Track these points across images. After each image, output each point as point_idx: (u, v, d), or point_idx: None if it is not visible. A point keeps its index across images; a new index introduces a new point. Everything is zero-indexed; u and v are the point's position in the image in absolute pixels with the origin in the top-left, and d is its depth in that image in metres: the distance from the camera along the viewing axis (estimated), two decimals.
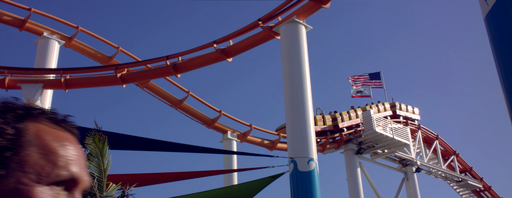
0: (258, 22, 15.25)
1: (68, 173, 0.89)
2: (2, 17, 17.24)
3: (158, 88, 19.46)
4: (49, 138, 0.91)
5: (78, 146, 0.95)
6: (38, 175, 0.87)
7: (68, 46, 18.56)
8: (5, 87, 16.29)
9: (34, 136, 0.90)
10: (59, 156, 0.90)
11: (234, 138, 21.24)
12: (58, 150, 0.91)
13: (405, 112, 26.12)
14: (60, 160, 0.90)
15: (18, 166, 0.86)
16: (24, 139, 0.89)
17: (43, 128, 0.92)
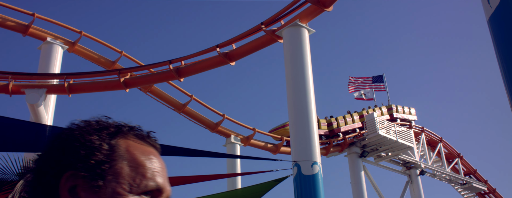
0: (261, 26, 15.27)
1: (154, 183, 1.02)
2: (5, 23, 17.30)
3: (161, 92, 19.48)
4: (138, 152, 1.05)
5: (161, 159, 1.09)
6: (130, 185, 1.00)
7: (71, 51, 18.62)
8: (9, 92, 16.33)
9: (124, 151, 1.04)
10: (147, 168, 1.03)
11: (237, 142, 21.24)
12: (146, 163, 1.04)
13: (402, 114, 26.06)
14: (147, 172, 1.03)
15: (113, 177, 1.00)
16: (117, 154, 1.03)
17: (132, 143, 1.06)
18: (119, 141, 1.04)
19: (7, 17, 17.41)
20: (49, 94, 16.75)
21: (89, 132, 1.04)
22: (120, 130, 1.07)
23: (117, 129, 1.07)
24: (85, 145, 1.01)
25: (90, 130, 1.04)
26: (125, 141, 1.05)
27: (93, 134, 1.03)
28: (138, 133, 1.09)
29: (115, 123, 1.08)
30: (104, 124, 1.07)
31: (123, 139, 1.05)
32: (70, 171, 0.99)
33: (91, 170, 0.99)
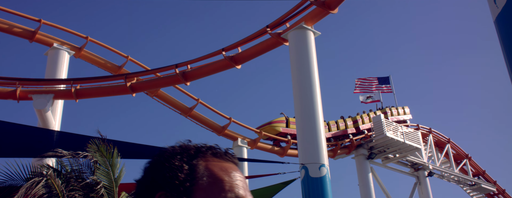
0: (266, 29, 15.28)
1: (234, 195, 1.16)
2: (12, 29, 17.40)
3: (168, 96, 19.52)
4: (216, 169, 1.20)
5: (240, 172, 1.23)
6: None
7: (78, 57, 18.69)
8: (17, 98, 16.40)
9: (204, 169, 1.19)
10: (226, 182, 1.17)
11: (244, 145, 21.23)
12: (224, 177, 1.18)
13: (396, 116, 25.94)
14: (226, 185, 1.17)
15: (197, 194, 1.15)
16: (197, 173, 1.18)
17: (210, 162, 1.21)
18: (199, 161, 1.20)
19: (13, 24, 17.51)
20: (56, 100, 16.81)
21: (172, 156, 1.21)
22: (199, 151, 1.23)
23: (196, 150, 1.23)
24: (169, 168, 1.18)
25: (173, 154, 1.22)
26: (204, 160, 1.21)
27: (175, 158, 1.20)
28: (215, 152, 1.25)
29: (195, 146, 1.25)
30: (185, 147, 1.24)
31: (202, 159, 1.21)
32: (160, 191, 1.17)
33: (177, 189, 1.16)
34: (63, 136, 13.12)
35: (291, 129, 22.30)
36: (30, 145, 12.63)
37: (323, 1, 14.20)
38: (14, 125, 11.72)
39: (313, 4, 14.31)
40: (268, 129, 22.14)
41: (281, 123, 22.48)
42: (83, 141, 9.92)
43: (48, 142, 12.11)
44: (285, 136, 22.27)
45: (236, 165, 1.25)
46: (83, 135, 11.84)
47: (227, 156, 1.26)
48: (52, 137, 13.01)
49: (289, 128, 22.42)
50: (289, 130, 22.35)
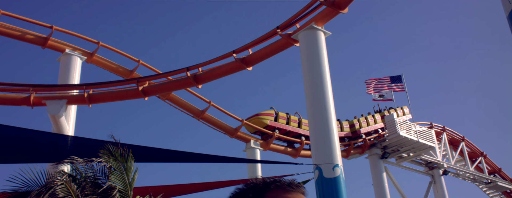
0: (276, 30, 15.27)
1: None
2: (25, 36, 17.58)
3: (180, 100, 19.57)
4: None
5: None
6: None
7: (90, 62, 18.82)
8: (31, 104, 16.55)
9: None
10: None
11: (257, 146, 21.21)
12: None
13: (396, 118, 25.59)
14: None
15: None
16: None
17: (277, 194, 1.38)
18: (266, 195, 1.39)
19: (26, 30, 17.68)
20: (70, 105, 16.94)
21: (243, 193, 1.42)
22: (266, 186, 1.42)
23: (263, 185, 1.42)
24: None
25: (245, 191, 1.42)
26: (271, 193, 1.39)
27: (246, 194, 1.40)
28: (280, 184, 1.43)
29: (263, 181, 1.44)
30: (252, 184, 1.44)
31: (269, 192, 1.39)
32: None
33: None
34: (77, 141, 13.22)
35: (280, 124, 21.89)
36: (45, 151, 12.73)
37: (333, 1, 14.16)
38: (28, 131, 11.82)
39: (323, 4, 14.28)
40: (256, 121, 21.64)
41: (270, 116, 21.97)
42: (97, 145, 9.98)
43: (63, 148, 12.20)
44: (273, 130, 21.76)
45: (302, 194, 1.43)
46: (97, 140, 11.92)
47: (292, 186, 1.43)
48: (66, 143, 13.10)
49: (278, 122, 21.96)
50: (277, 124, 21.85)
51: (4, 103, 16.55)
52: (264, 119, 21.73)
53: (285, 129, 22.12)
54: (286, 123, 22.29)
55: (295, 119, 22.76)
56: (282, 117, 22.30)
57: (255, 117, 21.89)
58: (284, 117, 22.44)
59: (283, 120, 22.23)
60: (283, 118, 22.32)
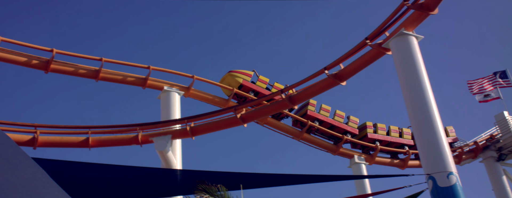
0: (365, 41, 14.99)
1: None
2: (126, 79, 18.66)
3: (277, 123, 19.70)
4: None
5: None
6: None
7: (187, 96, 19.56)
8: (139, 143, 17.41)
9: None
10: None
11: (362, 161, 20.73)
12: None
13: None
14: None
15: None
16: None
17: None
18: None
19: (126, 74, 18.76)
20: (174, 139, 17.61)
21: None
22: None
23: None
24: None
25: None
26: None
27: None
28: None
29: None
30: None
31: None
32: None
33: None
34: (186, 174, 13.64)
35: (257, 87, 20.61)
36: (157, 186, 13.27)
37: (421, 4, 13.67)
38: (142, 169, 12.38)
39: (411, 8, 13.82)
40: (229, 80, 20.41)
41: (245, 75, 20.60)
42: (203, 176, 10.29)
43: (174, 182, 12.63)
44: (248, 91, 20.47)
45: None
46: (203, 171, 12.26)
47: None
48: (176, 177, 13.57)
49: (255, 85, 20.66)
50: (253, 86, 20.55)
51: (116, 144, 17.55)
52: (237, 77, 20.37)
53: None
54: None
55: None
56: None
57: (228, 74, 20.55)
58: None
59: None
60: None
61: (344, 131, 21.05)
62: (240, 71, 20.48)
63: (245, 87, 20.26)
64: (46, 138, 16.84)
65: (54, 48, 17.43)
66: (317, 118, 20.58)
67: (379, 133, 21.40)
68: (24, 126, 16.71)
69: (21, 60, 17.27)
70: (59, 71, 17.89)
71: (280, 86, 20.82)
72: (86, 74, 18.20)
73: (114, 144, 17.67)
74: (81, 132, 17.20)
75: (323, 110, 20.94)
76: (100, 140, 17.38)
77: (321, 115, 20.75)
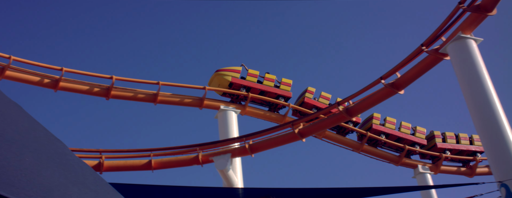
0: (421, 48, 14.65)
1: None
2: (183, 101, 19.06)
3: (336, 136, 19.49)
4: None
5: None
6: None
7: (243, 114, 19.71)
8: (200, 163, 17.64)
9: None
10: None
11: (426, 171, 20.11)
12: None
13: None
14: None
15: None
16: None
17: None
18: None
19: (183, 95, 19.17)
20: (234, 158, 17.73)
21: None
22: None
23: None
24: None
25: None
26: None
27: None
28: None
29: None
30: None
31: None
32: None
33: None
34: (248, 192, 13.65)
35: (248, 82, 19.82)
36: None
37: (478, 5, 13.25)
38: (206, 189, 12.50)
39: (467, 11, 13.42)
40: (218, 80, 19.64)
41: (234, 72, 19.83)
42: (266, 193, 10.23)
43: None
44: (239, 88, 19.78)
45: None
46: (265, 188, 12.22)
47: None
48: (238, 195, 13.61)
49: (246, 80, 19.86)
50: (244, 81, 19.75)
51: (178, 165, 17.85)
52: (225, 76, 19.63)
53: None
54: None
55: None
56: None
57: (215, 74, 19.80)
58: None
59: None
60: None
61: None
62: (227, 68, 19.94)
63: (235, 85, 19.78)
64: (111, 162, 17.36)
65: (114, 75, 18.07)
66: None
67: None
68: (90, 152, 17.31)
69: (83, 88, 17.99)
70: (119, 97, 18.51)
71: (272, 76, 20.31)
72: (144, 99, 18.73)
73: (176, 165, 17.98)
74: (144, 155, 17.62)
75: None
76: (162, 162, 17.74)
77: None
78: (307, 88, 20.74)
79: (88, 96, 18.36)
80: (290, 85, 20.47)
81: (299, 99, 20.93)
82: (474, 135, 21.20)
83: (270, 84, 20.11)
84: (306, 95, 20.63)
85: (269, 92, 20.02)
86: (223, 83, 19.71)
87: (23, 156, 1.86)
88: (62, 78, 17.61)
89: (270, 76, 20.32)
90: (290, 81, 20.48)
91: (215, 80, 19.82)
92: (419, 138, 20.70)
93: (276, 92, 20.13)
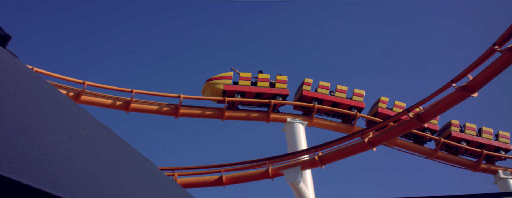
0: (493, 47, 14.02)
1: None
2: (250, 115, 19.21)
3: (407, 143, 18.93)
4: None
5: None
6: None
7: (311, 125, 19.58)
8: (270, 176, 17.62)
9: None
10: None
11: (509, 176, 19.10)
12: None
13: None
14: None
15: None
16: None
17: None
18: None
19: (250, 110, 19.34)
20: (304, 170, 17.59)
21: None
22: None
23: None
24: None
25: None
26: None
27: None
28: None
29: None
30: None
31: None
32: None
33: None
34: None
35: (241, 86, 18.82)
36: None
37: None
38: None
39: None
40: (211, 89, 18.77)
41: (225, 79, 18.91)
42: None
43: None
44: (234, 95, 18.74)
45: None
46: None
47: None
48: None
49: (238, 85, 18.83)
50: (237, 87, 18.79)
51: (248, 180, 17.92)
52: (217, 84, 18.77)
53: None
54: None
55: None
56: (245, 78, 19.45)
57: (206, 84, 18.95)
58: (249, 77, 19.79)
59: (246, 81, 19.50)
60: (245, 78, 19.57)
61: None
62: (217, 76, 19.29)
63: (229, 92, 19.10)
64: (183, 179, 17.69)
65: (181, 94, 18.51)
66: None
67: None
68: (163, 170, 17.73)
69: (153, 108, 18.54)
70: (187, 115, 18.92)
71: (265, 76, 19.52)
72: (212, 115, 19.03)
73: (246, 180, 18.06)
74: (214, 171, 17.84)
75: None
76: (233, 177, 17.88)
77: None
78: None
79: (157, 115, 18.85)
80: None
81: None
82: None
83: (265, 85, 19.29)
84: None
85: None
86: (216, 91, 19.18)
87: (119, 176, 1.91)
88: (133, 99, 18.23)
89: (264, 76, 19.52)
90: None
91: (208, 90, 19.36)
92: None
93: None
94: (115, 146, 2.23)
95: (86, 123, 2.27)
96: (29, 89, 2.14)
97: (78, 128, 2.10)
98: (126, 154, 2.23)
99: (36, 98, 2.12)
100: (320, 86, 20.06)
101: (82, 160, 1.72)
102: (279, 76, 19.61)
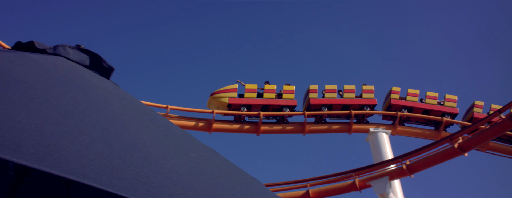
0: None
1: None
2: (332, 128, 19.03)
3: (503, 146, 17.91)
4: None
5: None
6: None
7: (395, 134, 19.07)
8: (358, 188, 17.24)
9: None
10: None
11: None
12: None
13: None
14: None
15: None
16: None
17: None
18: None
19: (331, 123, 19.19)
20: (392, 180, 17.07)
21: None
22: None
23: None
24: None
25: None
26: None
27: None
28: None
29: None
30: None
31: None
32: None
33: None
34: None
35: (246, 99, 17.92)
36: None
37: None
38: None
39: None
40: (216, 103, 18.08)
41: (230, 92, 18.10)
42: None
43: None
44: (239, 108, 17.79)
45: None
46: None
47: None
48: None
49: (244, 97, 17.96)
50: (242, 100, 17.97)
51: (336, 193, 17.63)
52: (221, 98, 18.07)
53: None
54: None
55: None
56: (250, 90, 18.24)
57: (211, 98, 18.30)
58: (255, 89, 18.29)
59: (251, 93, 18.05)
60: (251, 90, 18.13)
61: None
62: (222, 89, 18.54)
63: (234, 105, 18.34)
64: None
65: (261, 111, 18.63)
66: None
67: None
68: None
69: (235, 127, 18.79)
70: (268, 131, 18.99)
71: (272, 87, 18.59)
72: (293, 130, 19.01)
73: (334, 194, 17.77)
74: (300, 186, 17.71)
75: None
76: (320, 191, 17.65)
77: None
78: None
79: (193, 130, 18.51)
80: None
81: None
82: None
83: (271, 96, 18.53)
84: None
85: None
86: (222, 105, 18.65)
87: (234, 196, 1.93)
88: (214, 120, 18.57)
89: (270, 87, 18.76)
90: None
91: (213, 103, 18.82)
92: None
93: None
94: (224, 167, 2.26)
95: (193, 145, 2.33)
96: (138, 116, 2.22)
97: (188, 151, 2.15)
98: (235, 175, 2.26)
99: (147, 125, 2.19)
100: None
101: (201, 183, 1.75)
102: (286, 86, 19.02)
